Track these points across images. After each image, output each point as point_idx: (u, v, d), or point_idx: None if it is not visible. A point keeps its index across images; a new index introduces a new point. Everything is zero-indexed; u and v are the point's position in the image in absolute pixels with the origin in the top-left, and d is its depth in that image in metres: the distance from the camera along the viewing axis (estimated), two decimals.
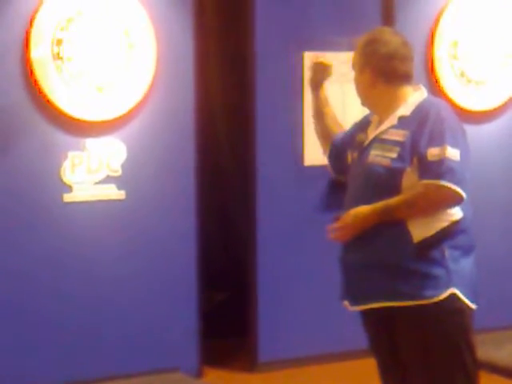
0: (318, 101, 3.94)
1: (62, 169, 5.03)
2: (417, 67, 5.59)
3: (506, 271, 6.08)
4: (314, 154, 5.46)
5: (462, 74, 5.82)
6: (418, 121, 3.43)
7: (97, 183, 5.13)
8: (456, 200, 3.37)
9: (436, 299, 3.37)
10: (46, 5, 4.88)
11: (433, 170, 3.34)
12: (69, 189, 5.05)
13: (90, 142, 5.10)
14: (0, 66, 4.85)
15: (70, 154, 5.05)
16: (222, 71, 5.94)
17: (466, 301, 3.41)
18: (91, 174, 5.11)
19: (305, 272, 5.56)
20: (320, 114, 3.93)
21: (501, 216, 6.05)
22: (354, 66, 3.64)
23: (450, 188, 3.32)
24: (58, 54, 4.93)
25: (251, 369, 5.50)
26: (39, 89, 4.92)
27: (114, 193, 5.17)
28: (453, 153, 3.33)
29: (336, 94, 5.52)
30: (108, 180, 5.15)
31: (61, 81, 4.95)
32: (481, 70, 5.87)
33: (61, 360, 5.08)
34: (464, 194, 3.35)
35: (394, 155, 3.41)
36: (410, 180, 3.39)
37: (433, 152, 3.35)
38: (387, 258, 3.44)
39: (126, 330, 5.23)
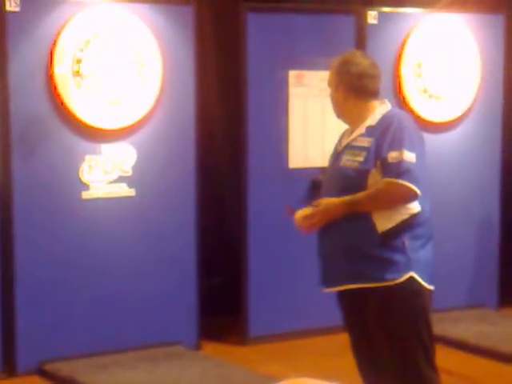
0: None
1: (81, 170, 5.02)
2: (386, 84, 5.56)
3: (463, 258, 6.08)
4: (297, 158, 5.52)
5: (425, 91, 5.80)
6: (382, 129, 3.44)
7: (110, 182, 5.12)
8: (411, 196, 3.38)
9: (397, 281, 3.39)
10: (67, 29, 4.89)
11: (392, 170, 3.36)
12: (86, 187, 5.05)
13: (105, 147, 5.09)
14: (29, 81, 4.86)
15: (88, 157, 5.04)
16: (219, 86, 5.91)
17: (423, 283, 3.43)
18: (106, 174, 5.10)
19: (289, 258, 5.54)
20: None
21: (457, 209, 6.03)
22: (329, 84, 3.65)
23: (406, 186, 3.34)
24: (78, 71, 4.93)
25: (243, 342, 5.49)
26: (61, 101, 4.93)
27: (125, 191, 5.16)
28: (410, 156, 3.35)
29: (317, 107, 5.63)
30: (120, 180, 5.14)
31: (80, 94, 4.95)
32: (440, 87, 5.86)
33: (75, 334, 5.06)
34: (418, 191, 3.36)
35: (362, 159, 3.43)
36: (375, 179, 3.41)
37: (393, 155, 3.36)
38: (355, 246, 3.45)
39: (134, 309, 5.22)
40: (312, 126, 5.59)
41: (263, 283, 5.50)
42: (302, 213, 3.55)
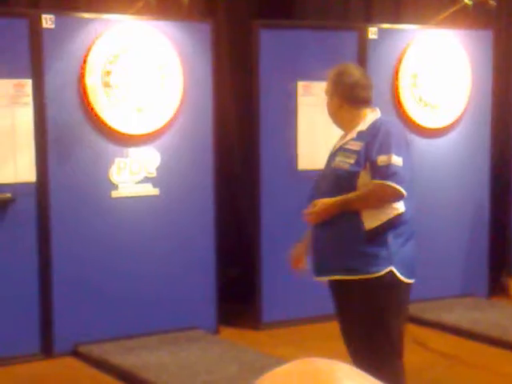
0: None
1: (110, 171, 5.04)
2: (385, 94, 5.62)
3: (457, 251, 6.01)
4: (305, 160, 5.45)
5: (420, 99, 5.76)
6: (371, 134, 3.44)
7: (137, 182, 5.13)
8: (398, 196, 3.39)
9: (377, 274, 3.40)
10: (97, 44, 4.92)
11: (381, 172, 3.37)
12: (115, 187, 5.06)
13: (132, 151, 5.11)
14: (63, 91, 4.88)
15: (117, 159, 5.06)
16: (234, 95, 5.87)
17: (401, 277, 3.41)
18: (133, 175, 5.12)
19: None
20: None
21: (450, 205, 5.93)
22: (326, 93, 3.65)
23: (393, 187, 3.35)
24: (107, 82, 4.95)
25: (257, 327, 5.46)
26: (92, 109, 4.94)
27: (150, 190, 5.17)
28: (397, 160, 3.36)
29: (323, 115, 5.44)
30: (146, 180, 5.15)
31: (109, 103, 4.97)
32: (435, 96, 5.80)
33: (106, 320, 5.08)
34: (404, 192, 3.36)
35: (352, 161, 3.43)
36: (364, 180, 3.41)
37: (381, 159, 3.37)
38: (344, 242, 3.47)
39: (159, 297, 5.22)
40: (318, 131, 5.54)
41: (275, 274, 5.43)
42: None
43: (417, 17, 6.08)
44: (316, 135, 5.55)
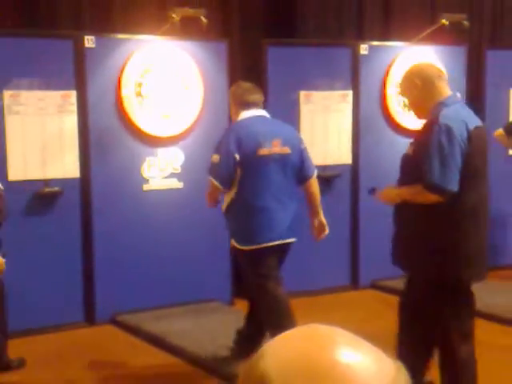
0: None
1: (142, 168, 5.28)
2: (375, 101, 5.85)
3: None
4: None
5: (404, 105, 5.85)
6: None
7: (164, 178, 5.33)
8: (214, 188, 3.90)
9: (232, 245, 4.07)
10: (131, 60, 5.17)
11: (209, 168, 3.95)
12: (146, 181, 5.28)
13: (160, 150, 5.32)
14: (102, 100, 5.12)
15: (147, 158, 5.29)
16: None
17: (238, 245, 3.97)
18: (161, 171, 5.31)
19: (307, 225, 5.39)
20: None
21: None
22: (230, 107, 4.13)
23: (211, 181, 3.92)
24: (139, 92, 5.18)
25: None
26: (127, 116, 5.18)
27: (175, 184, 5.38)
28: (215, 158, 3.90)
29: (320, 122, 5.82)
30: (172, 175, 5.36)
31: (141, 110, 5.19)
32: None
33: (140, 293, 5.25)
34: (218, 184, 3.85)
35: None
36: None
37: (212, 157, 3.96)
38: None
39: (183, 274, 5.39)
40: (317, 134, 5.75)
41: None
42: None
43: (402, 35, 6.35)
44: (316, 137, 5.79)
